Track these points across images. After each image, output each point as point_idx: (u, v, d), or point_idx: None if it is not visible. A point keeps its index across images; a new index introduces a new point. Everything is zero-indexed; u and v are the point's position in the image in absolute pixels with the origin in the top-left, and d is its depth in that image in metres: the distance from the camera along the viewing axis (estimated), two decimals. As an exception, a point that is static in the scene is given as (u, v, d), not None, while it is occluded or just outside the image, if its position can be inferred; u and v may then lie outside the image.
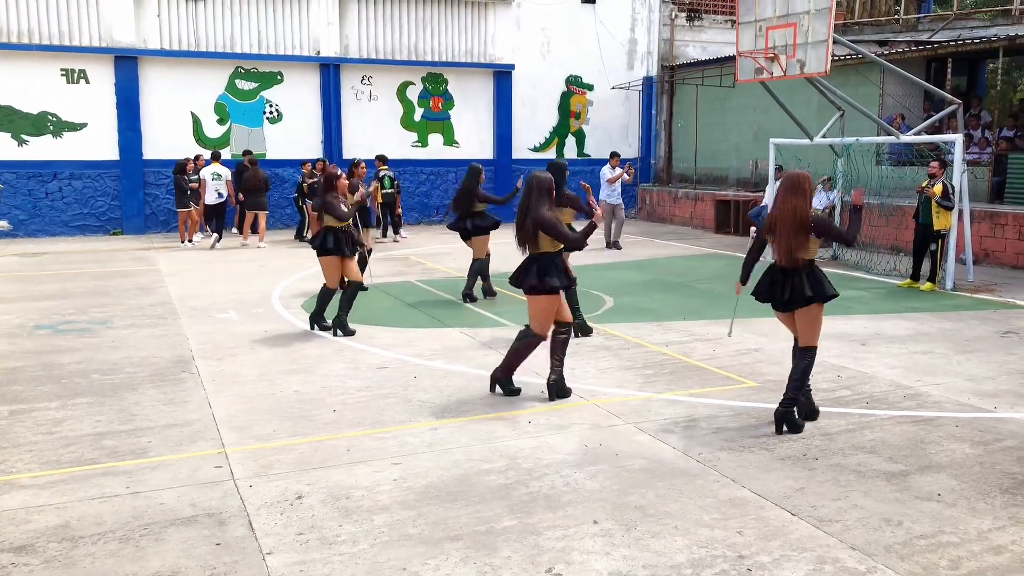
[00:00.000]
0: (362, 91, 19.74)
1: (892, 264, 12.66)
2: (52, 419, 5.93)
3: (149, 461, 5.16)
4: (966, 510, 4.48)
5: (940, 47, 15.95)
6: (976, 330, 8.87)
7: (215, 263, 13.87)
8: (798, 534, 4.19)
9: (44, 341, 8.31)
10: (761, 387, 6.75)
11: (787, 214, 5.51)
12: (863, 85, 16.09)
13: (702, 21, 22.76)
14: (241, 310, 9.83)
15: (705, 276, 12.63)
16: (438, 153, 20.64)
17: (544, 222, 6.18)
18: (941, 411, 6.16)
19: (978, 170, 14.47)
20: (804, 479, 4.88)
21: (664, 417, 5.99)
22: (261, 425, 5.82)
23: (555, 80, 21.49)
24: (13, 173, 17.00)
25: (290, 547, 4.05)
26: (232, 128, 18.74)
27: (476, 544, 4.08)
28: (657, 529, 4.24)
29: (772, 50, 12.09)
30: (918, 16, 20.45)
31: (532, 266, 6.30)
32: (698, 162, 21.09)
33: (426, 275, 12.54)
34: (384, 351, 7.90)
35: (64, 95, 17.40)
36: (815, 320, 5.64)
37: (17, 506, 4.50)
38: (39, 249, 15.62)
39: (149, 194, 18.20)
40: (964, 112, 13.06)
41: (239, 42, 18.52)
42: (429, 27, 20.08)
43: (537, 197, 6.24)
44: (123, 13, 17.47)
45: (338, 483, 4.81)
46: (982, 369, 7.32)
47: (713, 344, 8.20)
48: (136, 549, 4.03)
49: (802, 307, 5.59)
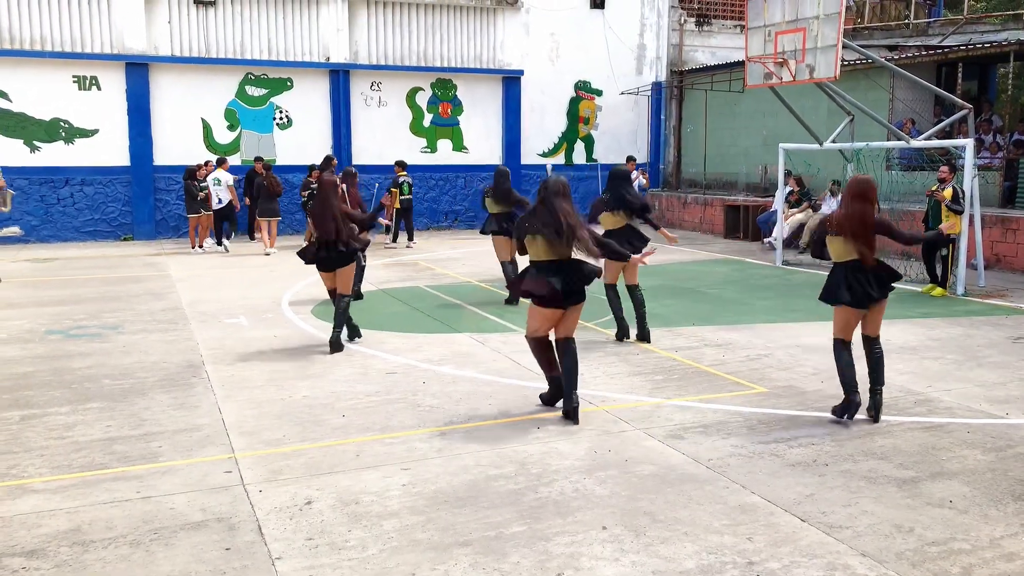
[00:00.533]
0: (371, 97, 19.81)
1: (903, 270, 12.60)
2: (63, 424, 5.96)
3: (159, 466, 5.17)
4: (978, 517, 4.45)
5: (950, 51, 15.90)
6: (988, 336, 8.82)
7: (225, 268, 13.92)
8: (808, 540, 4.17)
9: (55, 346, 8.35)
10: (771, 392, 6.73)
11: (855, 217, 5.86)
12: (873, 90, 16.05)
13: (711, 26, 22.75)
14: (251, 315, 9.86)
15: (714, 281, 12.61)
16: (447, 159, 20.68)
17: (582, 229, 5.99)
18: (952, 417, 6.13)
19: (989, 175, 14.41)
20: (814, 485, 4.86)
21: (673, 423, 5.98)
22: (271, 430, 5.83)
23: (564, 85, 21.51)
24: (26, 179, 17.11)
25: (299, 552, 4.06)
26: (242, 134, 18.83)
27: (485, 549, 4.07)
28: (666, 535, 4.22)
29: (781, 55, 12.08)
30: (928, 20, 20.40)
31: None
32: (707, 167, 21.07)
33: (435, 280, 12.56)
34: (393, 356, 7.91)
35: (76, 102, 17.53)
36: (883, 309, 6.09)
37: (28, 510, 4.52)
38: (51, 255, 15.72)
39: (160, 200, 18.30)
40: (975, 117, 13.01)
41: (249, 49, 18.62)
42: (438, 33, 20.15)
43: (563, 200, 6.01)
44: (134, 20, 17.59)
45: (347, 488, 4.81)
46: (994, 375, 7.28)
47: (723, 350, 8.18)
48: (146, 554, 4.04)
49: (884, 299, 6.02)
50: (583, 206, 21.76)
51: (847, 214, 5.89)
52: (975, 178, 11.67)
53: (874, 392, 6.05)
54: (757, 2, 12.55)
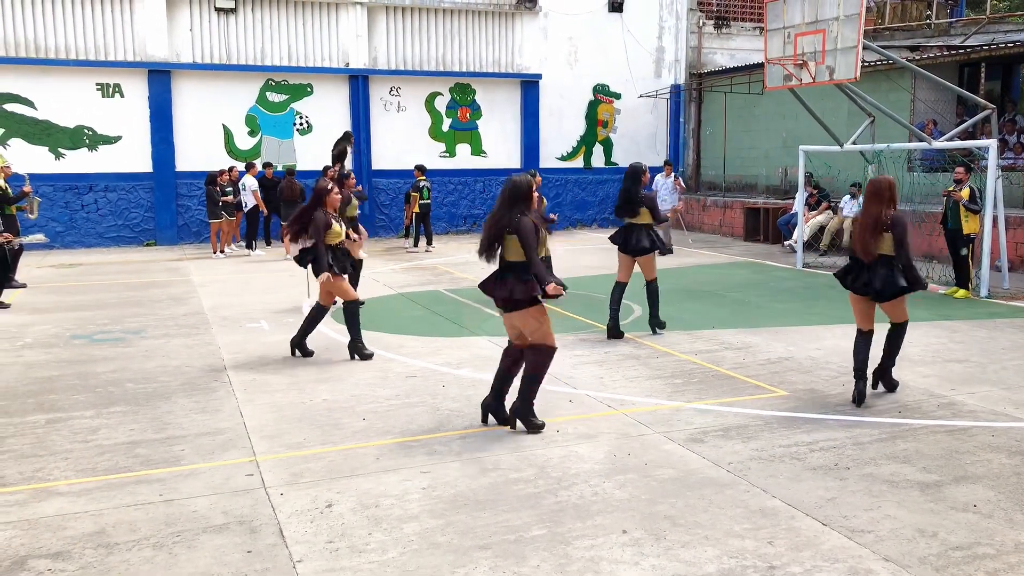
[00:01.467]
0: (391, 102, 19.90)
1: (926, 272, 12.47)
2: (88, 427, 6.03)
3: (182, 469, 5.22)
4: (1003, 521, 4.41)
5: (973, 52, 15.74)
6: (1012, 338, 8.72)
7: (246, 273, 14.03)
8: (830, 544, 4.14)
9: (80, 351, 8.45)
10: (791, 396, 6.69)
11: (866, 216, 6.37)
12: (894, 91, 15.93)
13: (730, 28, 22.66)
14: (272, 320, 9.93)
15: (734, 285, 12.55)
16: (466, 163, 20.73)
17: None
18: (976, 420, 6.07)
19: (1013, 175, 14.25)
20: (836, 489, 4.82)
21: (693, 426, 5.96)
22: (292, 433, 5.87)
23: (582, 89, 21.50)
24: (51, 186, 17.33)
25: (320, 555, 4.08)
26: (263, 140, 18.97)
27: (505, 553, 4.08)
28: (687, 539, 4.21)
29: (801, 57, 12.01)
30: (950, 20, 20.21)
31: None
32: (727, 170, 20.99)
33: (454, 284, 12.59)
34: (413, 360, 7.94)
35: (99, 109, 17.73)
36: (902, 303, 6.53)
37: (54, 513, 4.58)
38: (75, 260, 15.91)
39: (182, 205, 18.47)
40: (999, 117, 12.87)
41: (270, 55, 18.76)
42: (456, 38, 20.21)
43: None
44: (156, 28, 17.78)
45: (368, 491, 4.83)
46: (1018, 378, 7.19)
47: (743, 353, 8.14)
48: (169, 556, 4.08)
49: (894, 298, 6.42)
50: (600, 210, 21.81)
51: (862, 211, 6.51)
52: (999, 179, 11.54)
53: (880, 370, 6.66)
54: (776, 4, 12.49)
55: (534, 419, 5.88)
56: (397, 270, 14.15)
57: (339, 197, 8.16)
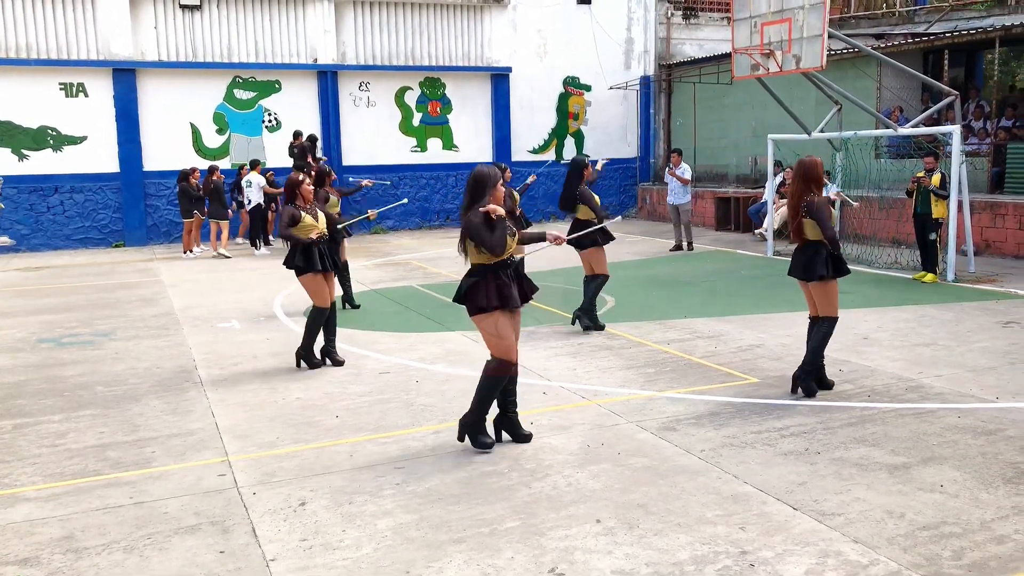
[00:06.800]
0: (360, 97, 19.77)
1: (893, 257, 12.64)
2: (55, 432, 5.95)
3: (152, 471, 5.17)
4: (969, 501, 4.48)
5: (936, 39, 15.92)
6: (978, 320, 8.86)
7: (217, 273, 13.90)
8: (800, 528, 4.19)
9: (47, 354, 8.33)
10: (762, 383, 6.75)
11: (791, 199, 6.36)
12: (860, 79, 16.08)
13: (698, 19, 22.75)
14: (243, 319, 9.85)
15: (706, 273, 12.63)
16: (438, 158, 20.66)
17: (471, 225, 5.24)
18: (943, 403, 6.16)
19: (977, 160, 14.44)
20: (806, 473, 4.88)
21: (666, 415, 6.00)
22: (264, 433, 5.83)
23: (553, 82, 21.50)
24: (14, 188, 17.04)
25: (294, 553, 4.06)
26: (231, 138, 18.78)
27: (479, 546, 4.08)
28: (660, 527, 4.24)
29: (768, 46, 12.09)
30: (914, 8, 20.41)
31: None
32: (697, 160, 21.07)
33: (427, 279, 12.56)
34: (386, 356, 7.92)
35: (63, 109, 17.45)
36: (827, 293, 6.29)
37: (21, 519, 4.52)
38: (41, 263, 15.67)
39: (150, 205, 18.24)
40: (962, 103, 13.04)
41: (236, 52, 18.56)
42: (425, 32, 20.11)
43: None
44: (120, 26, 17.52)
45: (341, 489, 4.82)
46: (984, 360, 7.31)
47: (715, 341, 8.20)
48: (140, 559, 4.05)
49: (814, 281, 6.29)
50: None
51: (788, 193, 6.62)
52: (963, 164, 11.70)
53: (800, 370, 6.40)
54: (742, -7, 12.55)
55: (484, 436, 5.37)
56: (369, 266, 14.09)
57: (311, 189, 7.86)
